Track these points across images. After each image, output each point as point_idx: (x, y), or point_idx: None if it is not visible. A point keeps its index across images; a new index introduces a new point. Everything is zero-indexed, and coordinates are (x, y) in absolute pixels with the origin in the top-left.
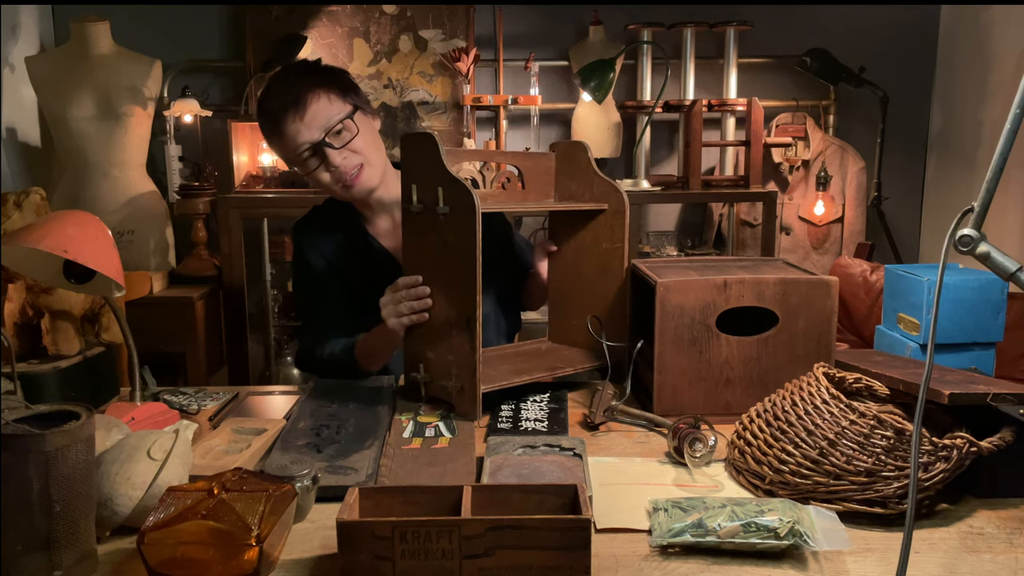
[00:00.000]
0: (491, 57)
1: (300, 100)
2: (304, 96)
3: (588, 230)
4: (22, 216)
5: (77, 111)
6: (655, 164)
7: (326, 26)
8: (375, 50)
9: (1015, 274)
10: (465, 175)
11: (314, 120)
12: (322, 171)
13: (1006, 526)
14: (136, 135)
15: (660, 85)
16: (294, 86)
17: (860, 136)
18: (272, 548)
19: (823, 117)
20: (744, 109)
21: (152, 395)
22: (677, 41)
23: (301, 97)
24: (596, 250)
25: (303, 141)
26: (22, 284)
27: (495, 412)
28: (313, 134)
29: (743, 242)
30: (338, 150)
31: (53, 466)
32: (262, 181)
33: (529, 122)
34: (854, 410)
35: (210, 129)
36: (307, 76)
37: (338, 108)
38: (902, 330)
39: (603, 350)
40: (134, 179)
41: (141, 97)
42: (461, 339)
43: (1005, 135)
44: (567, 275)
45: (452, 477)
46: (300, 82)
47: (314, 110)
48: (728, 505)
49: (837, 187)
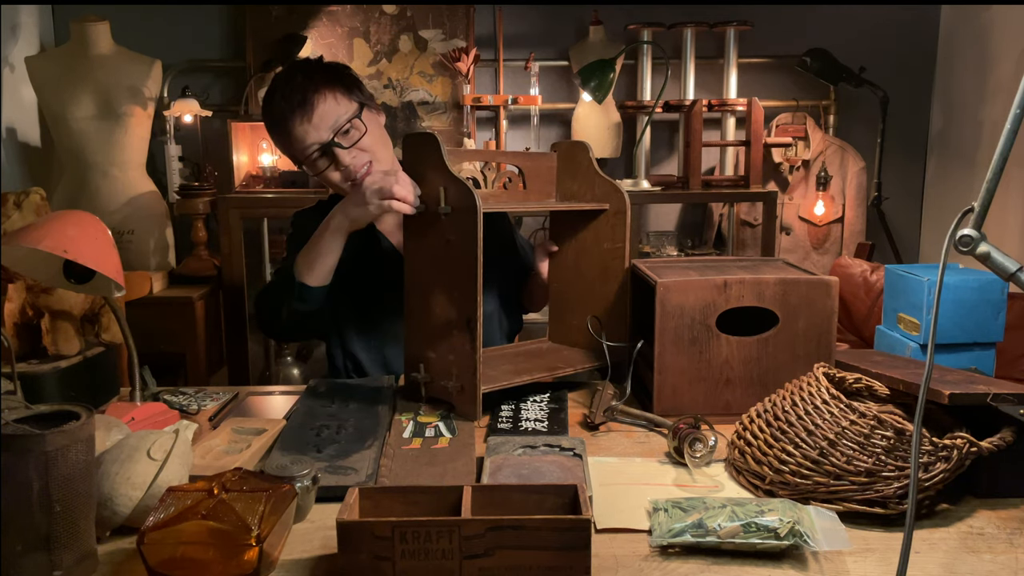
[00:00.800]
0: (491, 57)
1: (307, 101)
2: (311, 97)
3: (589, 230)
4: (22, 216)
5: (77, 111)
6: (655, 164)
7: (326, 26)
8: (375, 50)
9: (1015, 274)
10: (466, 175)
11: (322, 121)
12: (332, 171)
13: (1006, 526)
14: (136, 135)
15: (660, 85)
16: (299, 87)
17: (860, 136)
18: (272, 548)
19: (823, 117)
20: (744, 109)
21: (152, 395)
22: (677, 41)
23: (308, 98)
24: (597, 250)
25: (312, 142)
26: (22, 284)
27: (495, 412)
28: (322, 135)
29: (743, 242)
30: (347, 150)
31: (53, 466)
32: (262, 181)
33: (529, 122)
34: (854, 410)
35: (210, 129)
36: (312, 75)
37: (345, 107)
38: (902, 330)
39: (603, 350)
40: (134, 179)
41: (141, 97)
42: (462, 339)
43: (1005, 135)
44: (568, 275)
45: (452, 477)
46: (306, 82)
47: (322, 111)
48: (728, 505)
49: (837, 187)
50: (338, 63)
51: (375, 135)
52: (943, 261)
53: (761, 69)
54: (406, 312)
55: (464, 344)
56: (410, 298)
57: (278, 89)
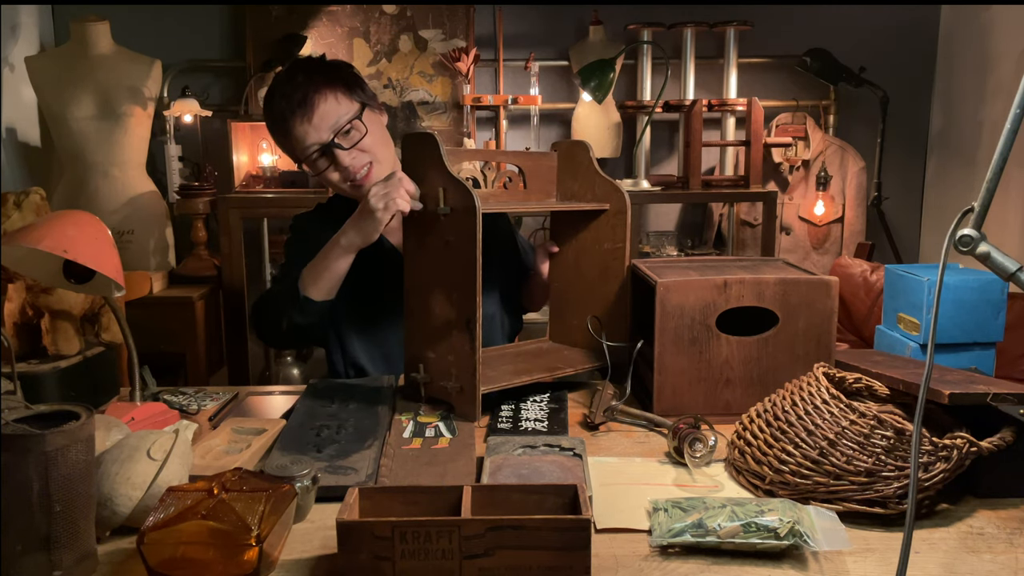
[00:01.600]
0: (491, 57)
1: (307, 101)
2: (311, 97)
3: (589, 230)
4: (22, 216)
5: (77, 111)
6: (655, 164)
7: (326, 26)
8: (375, 50)
9: (1015, 274)
10: (466, 175)
11: (322, 121)
12: (332, 171)
13: (1006, 526)
14: (136, 135)
15: (660, 85)
16: (300, 86)
17: (860, 136)
18: (272, 548)
19: (823, 117)
20: (744, 109)
21: (152, 395)
22: (677, 41)
23: (308, 98)
24: (597, 250)
25: (312, 143)
26: (22, 284)
27: (495, 412)
28: (322, 135)
29: (743, 242)
30: (347, 150)
31: (53, 466)
32: (262, 181)
33: (529, 122)
34: (854, 410)
35: (210, 129)
36: (313, 75)
37: (346, 108)
38: (902, 330)
39: (603, 350)
40: (134, 179)
41: (141, 97)
42: (461, 339)
43: (1005, 135)
44: (568, 275)
45: (452, 477)
46: (307, 82)
47: (322, 111)
48: (728, 505)
49: (837, 187)
50: (340, 61)
51: (376, 136)
52: (943, 261)
53: (761, 69)
54: (406, 312)
55: (464, 344)
56: (410, 298)
57: (279, 88)
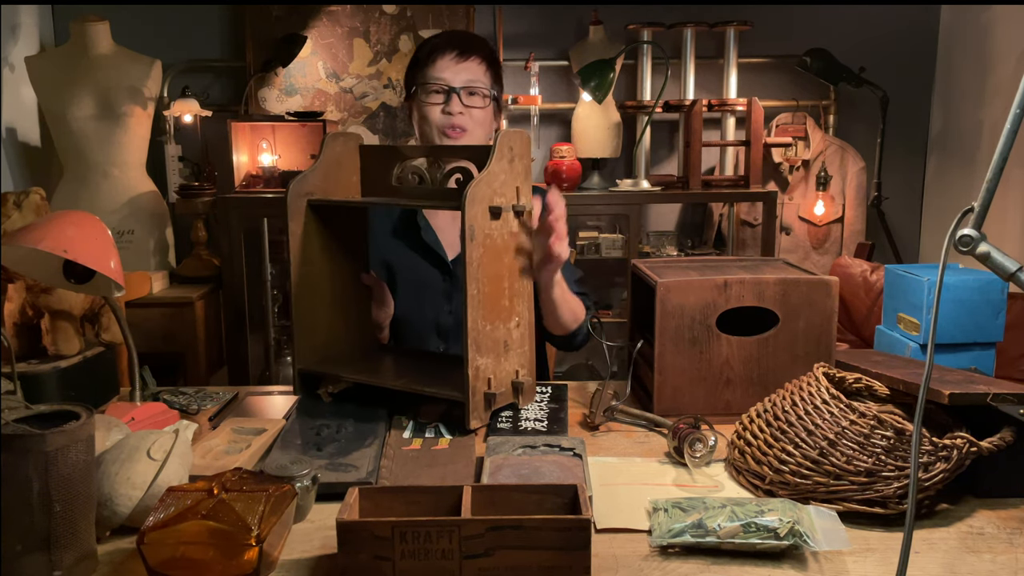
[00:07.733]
0: None
1: (467, 50)
2: (471, 51)
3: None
4: (22, 216)
5: (77, 111)
6: (655, 164)
7: (326, 26)
8: (375, 50)
9: (1015, 274)
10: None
11: (464, 71)
12: (438, 110)
13: (1006, 526)
14: (136, 135)
15: (660, 85)
16: (469, 40)
17: (860, 136)
18: (272, 548)
19: (823, 117)
20: (744, 109)
21: (152, 395)
22: (677, 41)
23: (468, 50)
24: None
25: (444, 76)
26: (22, 284)
27: (495, 412)
28: (455, 78)
29: (743, 242)
30: (463, 104)
31: (53, 466)
32: (262, 181)
33: (529, 122)
34: (854, 410)
35: (210, 129)
36: (483, 46)
37: (484, 82)
38: (902, 330)
39: (603, 350)
40: (134, 179)
41: (141, 97)
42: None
43: (1005, 135)
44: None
45: (452, 477)
46: (474, 42)
47: (469, 64)
48: (728, 505)
49: (837, 187)
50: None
51: (485, 121)
52: (943, 261)
53: (761, 69)
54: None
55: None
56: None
57: (448, 32)
